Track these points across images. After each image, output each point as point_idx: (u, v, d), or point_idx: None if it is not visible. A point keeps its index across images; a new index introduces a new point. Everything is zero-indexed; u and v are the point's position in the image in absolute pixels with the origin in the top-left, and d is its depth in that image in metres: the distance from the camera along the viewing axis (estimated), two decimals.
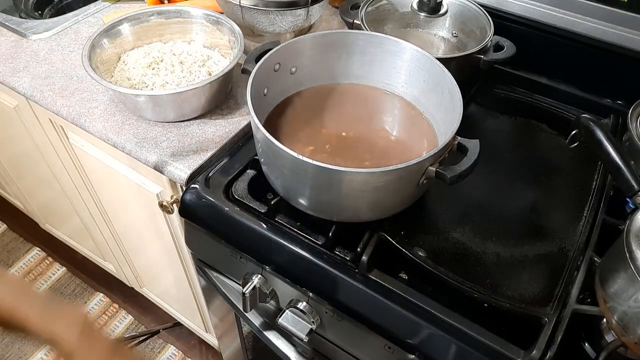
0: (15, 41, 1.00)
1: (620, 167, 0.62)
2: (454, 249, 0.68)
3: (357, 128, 0.75)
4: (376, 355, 0.67)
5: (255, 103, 0.63)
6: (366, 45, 0.75)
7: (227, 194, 0.73)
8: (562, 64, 0.93)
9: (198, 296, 1.16)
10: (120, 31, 0.89)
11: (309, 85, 0.78)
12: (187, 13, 0.92)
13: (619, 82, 0.89)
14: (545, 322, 0.59)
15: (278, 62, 0.71)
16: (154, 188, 0.91)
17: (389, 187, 0.59)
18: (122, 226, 1.19)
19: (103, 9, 1.09)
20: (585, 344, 0.62)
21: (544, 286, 0.64)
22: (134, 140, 0.81)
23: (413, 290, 0.62)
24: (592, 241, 0.67)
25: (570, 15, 0.87)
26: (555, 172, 0.79)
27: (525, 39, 0.91)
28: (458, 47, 0.92)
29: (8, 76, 0.92)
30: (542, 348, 0.56)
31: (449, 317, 0.59)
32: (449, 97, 0.66)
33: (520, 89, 0.94)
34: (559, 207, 0.74)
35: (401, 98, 0.77)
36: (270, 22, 0.90)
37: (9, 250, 1.72)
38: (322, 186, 0.60)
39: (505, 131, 0.88)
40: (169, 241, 1.03)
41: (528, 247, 0.69)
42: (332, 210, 0.64)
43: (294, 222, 0.69)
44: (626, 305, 0.54)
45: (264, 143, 0.62)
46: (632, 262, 0.52)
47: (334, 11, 1.08)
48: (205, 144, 0.80)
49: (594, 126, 0.66)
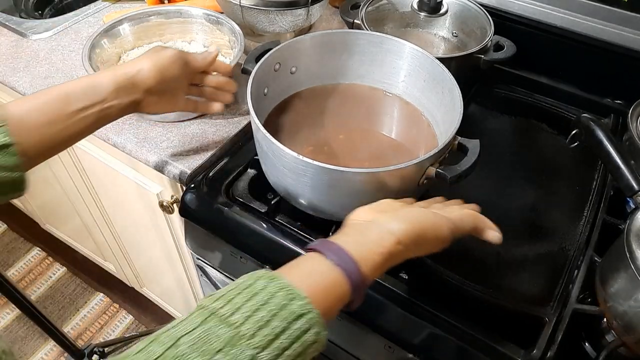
0: (16, 41, 1.00)
1: (621, 166, 0.62)
2: (454, 249, 0.68)
3: (357, 128, 0.75)
4: (376, 354, 0.67)
5: (256, 103, 0.63)
6: (366, 45, 0.75)
7: (227, 194, 0.73)
8: (562, 63, 0.93)
9: (198, 296, 1.16)
10: (120, 31, 0.89)
11: (309, 85, 0.78)
12: (187, 13, 0.92)
13: (619, 81, 0.89)
14: (545, 321, 0.59)
15: (278, 62, 0.71)
16: (154, 188, 0.91)
17: (389, 187, 0.59)
18: (123, 226, 1.19)
19: (103, 8, 1.09)
20: (585, 344, 0.62)
21: (544, 286, 0.64)
22: (134, 140, 0.81)
23: (413, 290, 0.62)
24: (593, 241, 0.67)
25: (571, 15, 0.87)
26: (556, 171, 0.79)
27: (526, 38, 0.91)
28: (458, 47, 0.92)
29: (8, 76, 0.92)
30: (542, 347, 0.56)
31: (449, 317, 0.59)
32: (449, 97, 0.66)
33: (521, 89, 0.94)
34: (559, 207, 0.74)
35: (401, 98, 0.77)
36: (271, 22, 0.90)
37: (9, 250, 1.73)
38: (323, 186, 0.60)
39: (506, 131, 0.88)
40: (169, 241, 1.03)
41: (528, 247, 0.69)
42: (333, 209, 0.64)
43: (294, 221, 0.69)
44: (626, 305, 0.54)
45: (264, 143, 0.62)
46: (632, 262, 0.52)
47: (334, 11, 1.08)
48: (205, 144, 0.80)
49: (594, 126, 0.66)
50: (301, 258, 0.45)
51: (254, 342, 0.37)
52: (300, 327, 0.39)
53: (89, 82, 0.58)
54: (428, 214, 0.51)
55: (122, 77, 0.60)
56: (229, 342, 0.36)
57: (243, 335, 0.37)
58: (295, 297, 0.40)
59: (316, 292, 0.42)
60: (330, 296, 0.43)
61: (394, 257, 0.47)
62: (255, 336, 0.37)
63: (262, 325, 0.38)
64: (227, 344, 0.36)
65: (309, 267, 0.44)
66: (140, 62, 0.61)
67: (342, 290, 0.43)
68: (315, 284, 0.43)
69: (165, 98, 0.65)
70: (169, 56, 0.63)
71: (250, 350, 0.36)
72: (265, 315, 0.38)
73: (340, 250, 0.44)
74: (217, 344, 0.36)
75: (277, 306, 0.39)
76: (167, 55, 0.63)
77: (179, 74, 0.64)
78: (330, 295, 0.43)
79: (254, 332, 0.37)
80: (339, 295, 0.43)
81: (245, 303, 0.39)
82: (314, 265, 0.44)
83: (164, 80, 0.62)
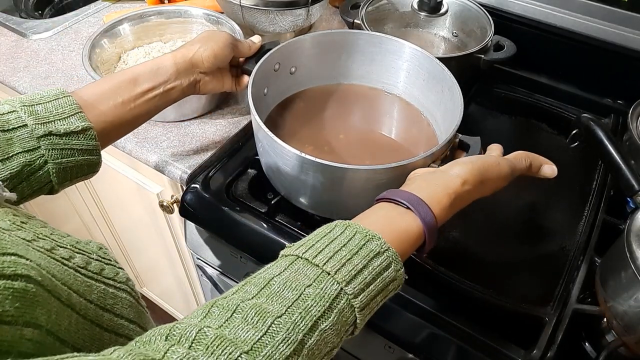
0: (16, 41, 1.00)
1: (621, 166, 0.62)
2: (454, 249, 0.68)
3: (357, 127, 0.75)
4: (376, 354, 0.67)
5: (256, 103, 0.63)
6: (366, 45, 0.75)
7: (227, 194, 0.73)
8: (562, 63, 0.93)
9: (198, 296, 1.16)
10: (121, 31, 0.89)
11: (308, 85, 0.78)
12: (187, 13, 0.92)
13: (619, 81, 0.89)
14: (545, 321, 0.59)
15: (278, 62, 0.71)
16: (155, 188, 0.91)
17: (390, 185, 0.59)
18: (123, 226, 1.19)
19: (103, 8, 1.09)
20: (585, 344, 0.62)
21: (544, 286, 0.64)
22: (134, 140, 0.81)
23: (413, 289, 0.62)
24: (593, 241, 0.67)
25: (571, 15, 0.87)
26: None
27: (526, 38, 0.91)
28: (458, 47, 0.92)
29: (8, 76, 0.92)
30: (542, 348, 0.56)
31: (449, 317, 0.59)
32: (449, 95, 0.66)
33: (521, 89, 0.94)
34: (559, 207, 0.74)
35: (401, 97, 0.77)
36: (271, 22, 0.90)
37: None
38: (324, 184, 0.60)
39: (506, 131, 0.88)
40: (169, 241, 1.03)
41: (528, 247, 0.69)
42: (334, 208, 0.64)
43: (295, 221, 0.69)
44: (627, 305, 0.54)
45: (266, 142, 0.62)
46: (633, 262, 0.52)
47: (334, 11, 1.08)
48: (205, 144, 0.80)
49: (594, 126, 0.66)
50: (372, 208, 0.49)
51: (339, 277, 0.40)
52: (380, 264, 0.42)
53: (153, 65, 0.61)
54: (487, 156, 0.55)
55: (181, 59, 0.63)
56: (316, 278, 0.39)
57: (328, 272, 0.40)
58: (371, 238, 0.43)
59: (391, 234, 0.44)
60: (403, 236, 0.45)
61: (462, 199, 0.50)
62: (339, 272, 0.40)
63: (345, 263, 0.40)
64: (315, 280, 0.39)
65: (381, 214, 0.47)
66: (195, 45, 0.65)
67: (415, 231, 0.46)
68: (389, 227, 0.45)
69: (216, 78, 0.68)
70: (222, 40, 0.66)
71: (337, 285, 0.39)
72: (347, 254, 0.41)
73: (409, 195, 0.47)
74: (306, 280, 0.39)
75: (356, 246, 0.42)
76: (220, 39, 0.66)
77: (229, 56, 0.68)
78: (403, 235, 0.45)
79: (338, 269, 0.40)
80: (413, 236, 0.46)
81: (326, 247, 0.42)
82: (385, 212, 0.47)
83: (217, 62, 0.66)
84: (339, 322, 0.39)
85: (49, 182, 0.52)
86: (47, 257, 0.35)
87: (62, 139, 0.51)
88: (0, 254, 0.30)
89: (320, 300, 0.38)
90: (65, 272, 0.36)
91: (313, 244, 0.42)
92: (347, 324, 0.40)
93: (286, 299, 0.37)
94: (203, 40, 0.66)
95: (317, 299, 0.38)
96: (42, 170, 0.51)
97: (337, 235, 0.43)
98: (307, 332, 0.36)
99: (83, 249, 0.41)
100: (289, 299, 0.37)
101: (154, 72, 0.61)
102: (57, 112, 0.51)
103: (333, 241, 0.42)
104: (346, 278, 0.40)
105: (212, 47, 0.65)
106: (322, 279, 0.39)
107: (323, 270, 0.40)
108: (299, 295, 0.38)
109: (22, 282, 0.29)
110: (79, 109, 0.53)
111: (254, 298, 0.37)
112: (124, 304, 0.41)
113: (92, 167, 0.56)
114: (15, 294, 0.29)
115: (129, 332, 0.40)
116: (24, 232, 0.37)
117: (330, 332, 0.38)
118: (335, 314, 0.38)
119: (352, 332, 0.42)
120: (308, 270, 0.40)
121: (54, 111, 0.51)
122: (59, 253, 0.38)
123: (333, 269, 0.40)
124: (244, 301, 0.37)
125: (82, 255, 0.40)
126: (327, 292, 0.39)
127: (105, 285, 0.40)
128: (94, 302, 0.37)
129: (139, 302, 0.44)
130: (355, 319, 0.40)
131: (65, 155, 0.52)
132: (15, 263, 0.30)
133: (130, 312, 0.41)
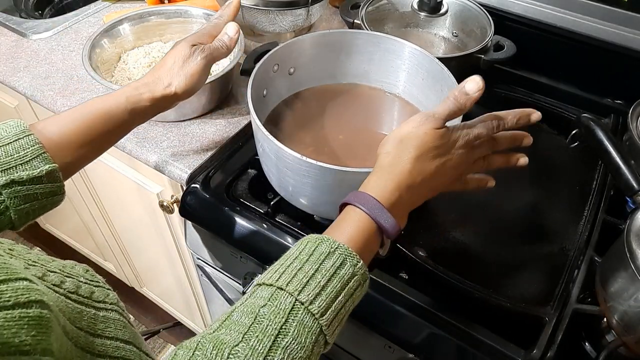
0: (16, 41, 1.00)
1: (621, 166, 0.62)
2: (454, 249, 0.68)
3: (357, 128, 0.75)
4: (376, 354, 0.67)
5: (255, 105, 0.62)
6: (365, 45, 0.74)
7: (227, 194, 0.73)
8: (562, 63, 0.93)
9: (198, 296, 1.16)
10: (121, 31, 0.89)
11: (308, 86, 0.78)
12: (187, 13, 0.92)
13: (619, 81, 0.89)
14: (545, 321, 0.59)
15: (277, 63, 0.71)
16: (155, 188, 0.91)
17: None
18: (123, 226, 1.19)
19: (103, 8, 1.09)
20: (585, 344, 0.62)
21: (544, 286, 0.64)
22: (134, 140, 0.81)
23: (413, 289, 0.62)
24: (593, 241, 0.67)
25: (571, 15, 0.87)
26: (556, 171, 0.79)
27: (526, 38, 0.91)
28: (458, 47, 0.92)
29: (8, 76, 0.92)
30: (542, 347, 0.56)
31: (449, 317, 0.59)
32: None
33: (521, 89, 0.94)
34: (559, 207, 0.74)
35: (400, 97, 0.77)
36: (271, 22, 0.90)
37: None
38: (324, 186, 0.60)
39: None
40: (169, 241, 1.03)
41: (528, 247, 0.69)
42: (333, 210, 0.64)
43: (294, 221, 0.69)
44: (626, 305, 0.54)
45: (266, 145, 0.62)
46: (632, 262, 0.52)
47: (334, 11, 1.08)
48: (205, 144, 0.80)
49: (594, 126, 0.66)
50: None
51: (291, 288, 0.39)
52: (333, 264, 0.41)
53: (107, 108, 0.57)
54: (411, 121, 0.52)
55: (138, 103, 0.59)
56: (270, 297, 0.39)
57: (281, 287, 0.40)
58: (321, 241, 0.43)
59: (340, 232, 0.44)
60: (354, 230, 0.45)
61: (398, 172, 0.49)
62: (291, 284, 0.40)
63: (296, 273, 0.40)
64: (269, 299, 0.39)
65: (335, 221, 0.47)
66: (163, 79, 0.60)
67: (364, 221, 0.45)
68: (337, 225, 0.46)
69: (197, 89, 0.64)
70: (198, 71, 0.61)
71: (290, 297, 0.39)
72: (297, 264, 0.41)
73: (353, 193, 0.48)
74: (260, 301, 0.39)
75: (307, 254, 0.42)
76: (196, 70, 0.61)
77: (207, 75, 0.64)
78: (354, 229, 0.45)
79: (289, 281, 0.40)
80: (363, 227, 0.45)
81: (280, 266, 0.42)
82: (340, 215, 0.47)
83: (195, 90, 0.63)
84: (301, 334, 0.38)
85: (10, 222, 0.50)
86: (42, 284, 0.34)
87: (24, 186, 0.49)
88: (13, 279, 0.29)
89: (276, 318, 0.38)
90: (58, 298, 0.35)
91: (272, 267, 0.43)
92: (312, 334, 0.39)
93: (242, 325, 0.37)
94: (173, 72, 0.60)
95: (271, 316, 0.38)
96: (4, 216, 0.49)
97: (293, 251, 0.43)
98: (267, 353, 0.36)
99: (71, 273, 0.40)
100: (245, 324, 0.37)
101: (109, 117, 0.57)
102: (18, 155, 0.48)
103: (288, 258, 0.42)
104: (298, 287, 0.39)
105: (186, 83, 0.60)
106: (276, 295, 0.39)
107: (276, 287, 0.40)
108: (254, 319, 0.38)
109: (37, 309, 0.29)
110: (41, 149, 0.50)
111: (215, 332, 0.38)
112: (117, 325, 0.40)
113: (55, 204, 0.54)
114: (31, 322, 0.28)
115: (126, 354, 0.39)
116: (15, 259, 0.36)
117: (294, 346, 0.37)
118: (295, 326, 0.38)
119: (325, 342, 0.40)
120: (262, 291, 0.40)
121: (15, 155, 0.48)
122: (50, 279, 0.37)
123: (285, 282, 0.39)
124: (204, 337, 0.37)
125: (72, 279, 0.40)
126: (281, 308, 0.38)
127: (95, 310, 0.39)
128: (84, 329, 0.36)
129: (130, 322, 0.44)
130: (321, 327, 0.39)
131: (28, 200, 0.50)
132: (29, 289, 0.29)
133: (125, 333, 0.41)
